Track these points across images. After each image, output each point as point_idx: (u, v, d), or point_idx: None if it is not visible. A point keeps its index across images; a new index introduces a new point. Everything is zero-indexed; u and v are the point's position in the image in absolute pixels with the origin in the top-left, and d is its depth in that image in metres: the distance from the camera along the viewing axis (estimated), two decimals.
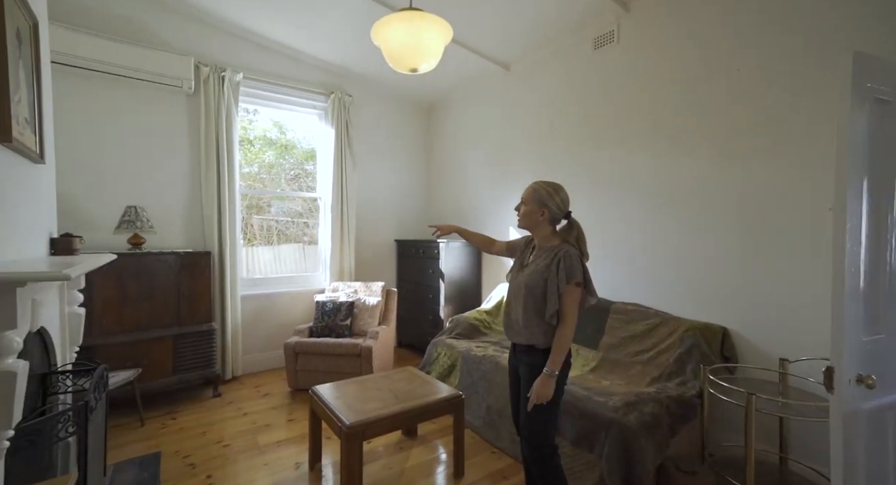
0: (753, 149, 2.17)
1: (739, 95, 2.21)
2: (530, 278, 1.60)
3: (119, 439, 2.41)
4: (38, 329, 1.72)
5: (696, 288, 2.40)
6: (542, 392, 1.51)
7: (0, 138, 1.34)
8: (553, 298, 1.55)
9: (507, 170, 3.73)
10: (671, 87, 2.51)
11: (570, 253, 1.58)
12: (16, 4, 1.57)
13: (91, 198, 2.88)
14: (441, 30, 1.65)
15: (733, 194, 2.24)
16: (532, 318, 1.59)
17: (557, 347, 1.54)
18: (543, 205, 1.64)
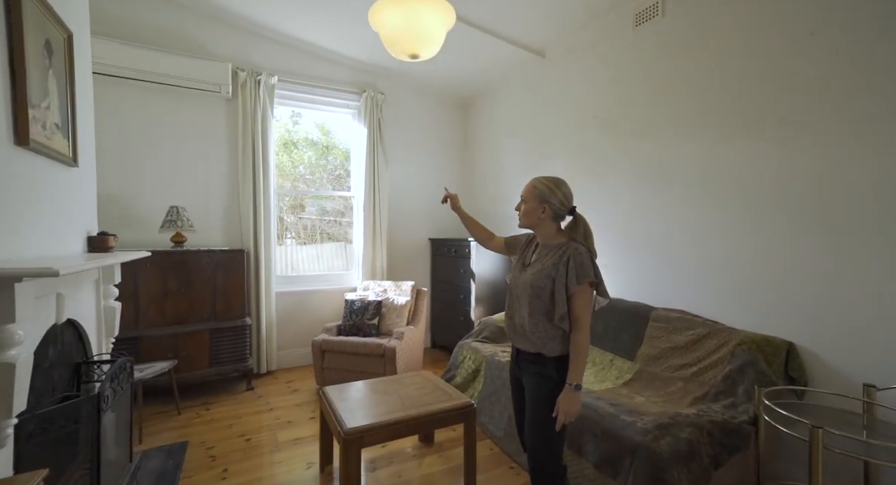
0: (832, 129, 1.80)
1: (816, 65, 1.84)
2: (536, 279, 1.43)
3: (157, 425, 2.55)
4: (72, 322, 1.84)
5: (754, 295, 2.06)
6: (569, 409, 1.35)
7: (17, 141, 1.43)
8: (561, 300, 1.38)
9: (545, 164, 3.50)
10: (727, 61, 2.17)
11: (580, 251, 1.41)
12: (45, 18, 1.67)
13: (139, 199, 3.10)
14: (441, 12, 1.53)
15: (807, 184, 1.88)
16: (539, 322, 1.42)
17: (576, 355, 1.38)
18: (544, 201, 1.48)
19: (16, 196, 1.43)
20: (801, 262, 1.89)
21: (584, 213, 3.11)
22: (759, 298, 2.04)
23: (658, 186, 2.53)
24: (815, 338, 1.85)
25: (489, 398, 2.54)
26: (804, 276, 1.88)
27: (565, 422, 1.37)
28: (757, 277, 2.04)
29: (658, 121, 2.52)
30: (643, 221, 2.63)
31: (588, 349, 1.42)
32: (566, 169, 3.26)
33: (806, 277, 1.88)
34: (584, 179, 3.08)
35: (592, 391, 2.05)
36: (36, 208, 1.58)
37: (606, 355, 2.48)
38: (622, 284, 2.80)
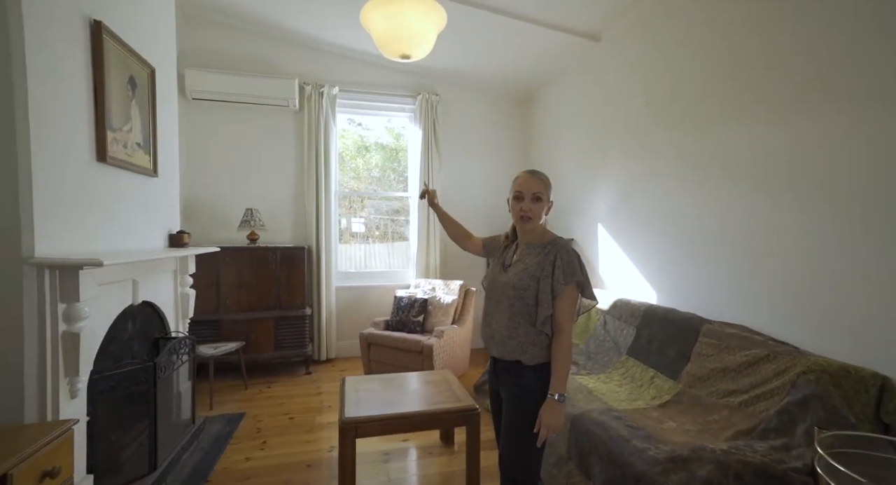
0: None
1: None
2: (519, 279, 1.34)
3: (227, 396, 2.98)
4: (151, 303, 2.25)
5: (838, 312, 1.64)
6: (552, 423, 1.26)
7: (98, 158, 1.80)
8: (546, 302, 1.28)
9: (599, 159, 3.23)
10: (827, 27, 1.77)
11: (569, 249, 1.33)
12: (129, 58, 2.07)
13: (224, 202, 3.63)
14: (429, 13, 1.52)
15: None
16: (519, 326, 1.33)
17: (560, 363, 1.28)
18: (550, 195, 1.41)
19: (99, 201, 1.80)
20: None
21: (636, 211, 2.85)
22: (845, 318, 1.62)
23: (719, 180, 2.16)
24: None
25: None
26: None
27: (546, 437, 1.27)
28: (844, 292, 1.62)
29: (726, 103, 2.14)
30: (700, 220, 2.27)
31: (571, 356, 1.30)
32: (619, 164, 2.96)
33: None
34: (637, 173, 2.77)
35: (614, 410, 1.85)
36: (120, 211, 1.97)
37: (647, 372, 2.20)
38: (674, 293, 2.45)
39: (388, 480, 2.00)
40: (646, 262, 2.71)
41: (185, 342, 2.30)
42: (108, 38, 1.86)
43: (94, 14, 1.79)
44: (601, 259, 3.17)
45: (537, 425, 1.27)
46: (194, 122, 3.56)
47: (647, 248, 2.68)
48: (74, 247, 1.63)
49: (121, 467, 1.87)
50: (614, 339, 2.56)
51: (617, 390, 2.14)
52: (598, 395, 2.04)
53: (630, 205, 2.85)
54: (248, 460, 2.17)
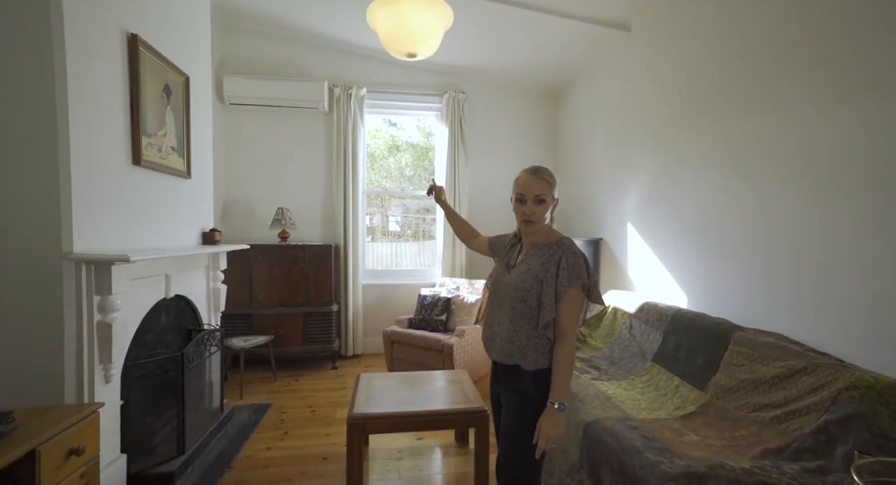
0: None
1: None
2: (522, 280, 1.30)
3: (256, 387, 3.12)
4: (184, 297, 2.39)
5: (891, 324, 1.46)
6: (551, 433, 1.21)
7: (133, 161, 1.94)
8: (549, 304, 1.24)
9: (629, 154, 3.08)
10: None
11: (574, 250, 1.28)
12: (164, 68, 2.21)
13: (258, 202, 3.80)
14: (435, 12, 1.50)
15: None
16: (521, 329, 1.29)
17: (562, 369, 1.23)
18: (554, 194, 1.34)
19: (134, 202, 1.94)
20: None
21: (666, 209, 2.69)
22: None
23: (759, 174, 1.98)
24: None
25: None
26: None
27: (546, 448, 1.23)
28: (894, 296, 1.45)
29: (767, 90, 1.97)
30: (736, 217, 2.10)
31: (574, 363, 1.24)
32: (649, 159, 2.80)
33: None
34: (668, 168, 2.61)
35: (631, 418, 1.75)
36: (154, 211, 2.11)
37: (672, 380, 2.06)
38: (705, 296, 2.29)
39: (398, 477, 2.02)
40: (676, 262, 2.55)
41: (214, 334, 2.43)
42: (144, 50, 2.00)
43: (132, 28, 1.93)
44: (630, 260, 3.02)
45: (536, 434, 1.22)
46: (232, 126, 3.76)
47: (678, 247, 2.52)
48: (110, 244, 1.76)
49: (153, 448, 2.01)
50: (640, 344, 2.43)
51: (638, 398, 2.03)
52: (616, 402, 1.94)
53: (660, 202, 2.69)
54: (269, 449, 2.26)
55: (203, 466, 2.09)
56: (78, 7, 1.60)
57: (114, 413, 1.77)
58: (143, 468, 1.91)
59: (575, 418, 1.85)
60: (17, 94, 1.52)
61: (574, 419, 1.85)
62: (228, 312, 3.37)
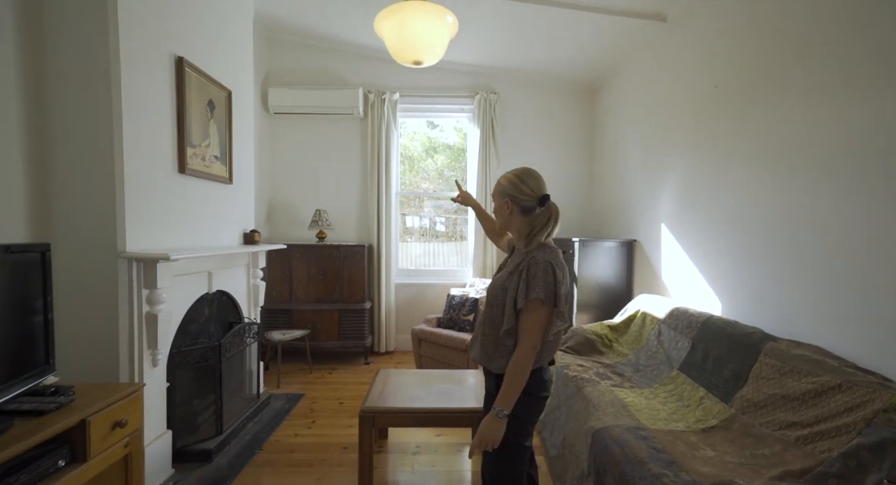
0: None
1: None
2: (493, 286, 1.33)
3: (293, 377, 3.34)
4: (226, 292, 2.63)
5: None
6: (487, 436, 1.21)
7: (179, 170, 2.17)
8: (508, 314, 1.25)
9: (662, 152, 2.93)
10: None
11: (537, 260, 1.23)
12: (208, 84, 2.44)
13: (299, 204, 4.05)
14: (436, 20, 1.54)
15: None
16: (489, 333, 1.32)
17: (508, 379, 1.22)
18: (506, 195, 1.34)
19: (180, 206, 2.17)
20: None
21: (701, 209, 2.58)
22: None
23: (803, 171, 1.82)
24: None
25: (553, 413, 2.34)
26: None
27: (480, 449, 1.23)
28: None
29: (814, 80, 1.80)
30: (777, 219, 1.94)
31: (525, 372, 1.21)
32: (684, 156, 2.65)
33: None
34: (704, 165, 2.46)
35: (644, 428, 1.68)
36: (198, 214, 2.34)
37: (697, 391, 1.95)
38: (740, 303, 2.13)
39: (411, 471, 2.08)
40: (711, 266, 2.39)
41: (252, 327, 2.64)
42: (190, 70, 2.23)
43: (178, 51, 2.15)
44: (664, 263, 2.86)
45: (477, 436, 1.23)
46: (276, 134, 4.04)
47: (714, 250, 2.36)
48: (158, 244, 1.99)
49: (196, 427, 2.24)
50: (667, 351, 2.31)
51: (659, 407, 1.93)
52: (632, 411, 1.87)
53: (696, 202, 2.53)
54: (296, 435, 2.42)
55: (238, 446, 2.29)
56: (131, 34, 1.82)
57: (160, 393, 2.00)
58: (186, 444, 2.14)
59: (585, 425, 1.81)
60: (81, 111, 1.76)
61: (584, 426, 1.82)
62: (271, 307, 3.65)
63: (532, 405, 1.30)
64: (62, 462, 1.33)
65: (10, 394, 1.35)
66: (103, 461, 1.43)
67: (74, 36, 1.74)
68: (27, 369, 1.44)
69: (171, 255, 1.78)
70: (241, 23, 2.85)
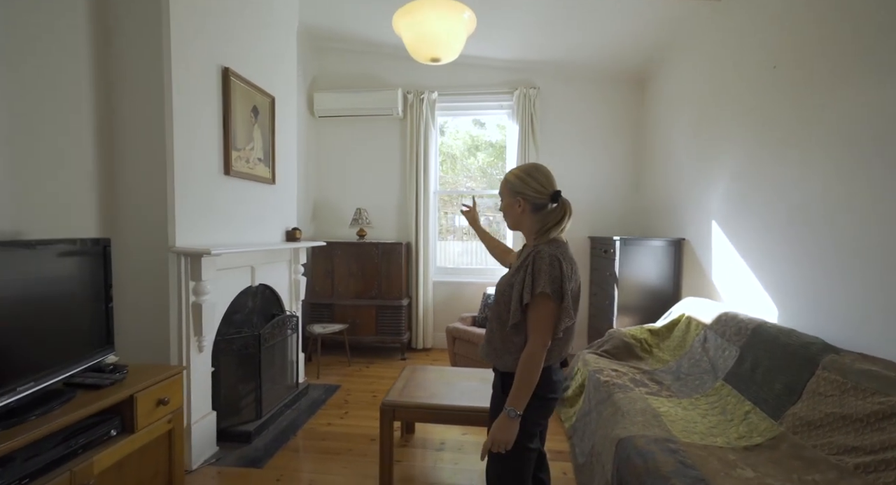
0: None
1: None
2: (501, 284, 1.30)
3: (332, 369, 3.49)
4: (268, 286, 2.80)
5: None
6: (499, 438, 1.18)
7: (225, 171, 2.35)
8: (515, 309, 1.21)
9: (714, 142, 2.69)
10: None
11: (543, 254, 1.19)
12: (253, 92, 2.62)
13: (342, 203, 4.22)
14: (452, 17, 1.53)
15: None
16: (496, 330, 1.28)
17: (519, 375, 1.18)
18: (517, 193, 1.30)
19: (225, 205, 2.35)
20: None
21: (756, 204, 2.46)
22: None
23: (877, 158, 1.59)
24: None
25: (583, 419, 2.24)
26: None
27: (493, 451, 1.19)
28: None
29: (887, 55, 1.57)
30: (845, 214, 1.70)
31: (536, 370, 1.17)
32: (738, 145, 2.41)
33: None
34: (760, 155, 2.22)
35: (674, 440, 1.55)
36: (243, 212, 2.52)
37: (743, 404, 1.76)
38: (799, 309, 1.90)
39: (433, 467, 2.09)
40: (767, 267, 2.15)
41: (290, 319, 2.80)
42: (235, 80, 2.40)
43: (224, 62, 2.33)
44: (714, 263, 2.63)
45: (489, 437, 1.19)
46: (321, 136, 4.24)
47: (769, 249, 2.13)
48: (205, 240, 2.17)
49: (238, 410, 2.42)
50: (712, 360, 2.12)
51: (697, 420, 1.78)
52: (665, 421, 1.73)
53: (750, 196, 2.30)
54: (329, 424, 2.53)
55: (275, 431, 2.43)
56: (182, 48, 2.00)
57: (205, 377, 2.18)
58: (229, 425, 2.31)
59: (611, 433, 1.71)
60: (139, 121, 1.96)
61: (610, 434, 1.72)
62: (314, 302, 3.84)
63: (538, 407, 1.25)
64: (114, 432, 1.50)
65: (77, 369, 1.54)
66: (148, 434, 1.59)
67: (135, 51, 1.94)
68: (92, 348, 1.63)
69: (212, 250, 1.93)
70: (285, 34, 3.02)
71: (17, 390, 1.33)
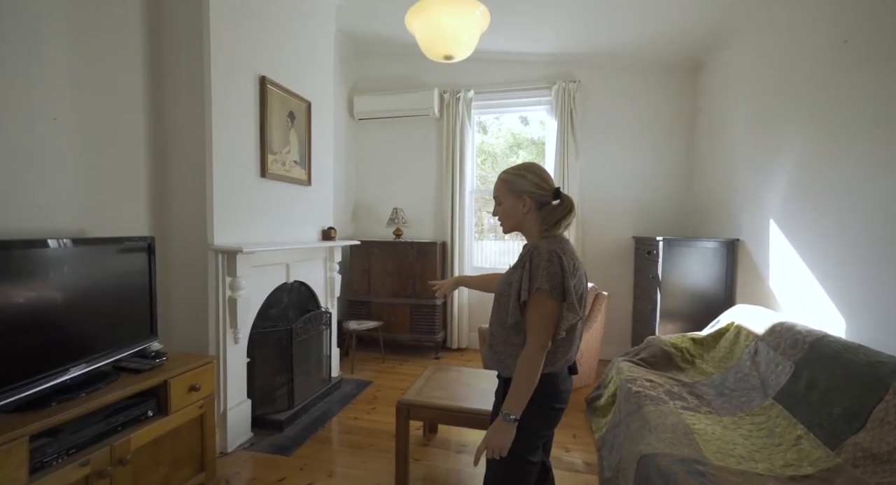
0: None
1: None
2: (499, 283, 1.25)
3: (366, 364, 3.58)
4: (304, 283, 2.93)
5: None
6: (495, 442, 1.13)
7: (261, 174, 2.48)
8: (513, 308, 1.16)
9: (772, 133, 2.42)
10: None
11: (541, 250, 1.14)
12: (289, 98, 2.75)
13: (380, 203, 4.31)
14: (465, 14, 1.49)
15: None
16: (497, 333, 1.23)
17: (517, 377, 1.13)
18: (521, 192, 1.23)
19: (261, 205, 2.48)
20: None
21: (822, 200, 2.28)
22: None
23: None
24: None
25: (613, 431, 2.11)
26: None
27: (489, 457, 1.14)
28: None
29: None
30: None
31: (535, 372, 1.11)
32: (800, 135, 2.14)
33: None
34: (826, 145, 1.95)
35: (704, 462, 1.40)
36: (278, 212, 2.66)
37: (795, 428, 1.55)
38: (872, 322, 1.64)
39: (451, 468, 2.07)
40: (832, 272, 1.88)
41: (323, 315, 2.91)
42: (272, 87, 2.54)
43: (261, 71, 2.47)
44: (772, 267, 2.35)
45: (483, 441, 1.14)
46: (361, 138, 4.36)
47: (836, 252, 1.86)
48: (241, 239, 2.31)
49: (273, 400, 2.55)
50: (762, 375, 1.89)
51: (738, 441, 1.60)
52: (697, 440, 1.57)
53: (814, 192, 2.03)
54: (356, 418, 2.60)
55: (306, 421, 2.54)
56: (221, 58, 2.14)
57: (241, 367, 2.32)
58: (263, 413, 2.45)
59: (635, 448, 1.59)
60: (184, 127, 2.13)
61: (634, 449, 1.59)
62: (352, 299, 3.97)
63: (540, 416, 1.18)
64: (150, 413, 1.64)
65: (123, 354, 1.71)
66: (181, 417, 1.72)
67: (180, 67, 2.12)
68: (138, 336, 1.80)
69: (244, 248, 2.06)
70: (322, 41, 3.14)
71: (69, 369, 1.50)
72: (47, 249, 1.47)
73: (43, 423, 1.28)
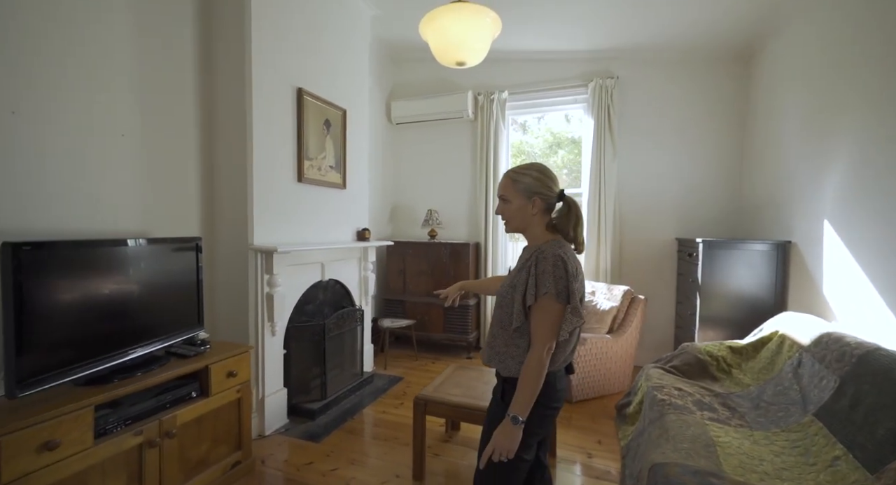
0: None
1: None
2: (502, 287, 1.26)
3: (399, 361, 3.70)
4: (339, 281, 3.10)
5: None
6: (502, 445, 1.15)
7: (298, 179, 2.67)
8: (518, 312, 1.18)
9: (827, 126, 2.20)
10: None
11: (547, 255, 1.15)
12: (325, 107, 2.93)
13: (416, 205, 4.43)
14: (477, 21, 1.53)
15: None
16: (498, 335, 1.25)
17: (524, 381, 1.15)
18: (534, 193, 1.23)
19: (298, 208, 2.67)
20: None
21: (881, 199, 2.19)
22: None
23: None
24: None
25: (637, 439, 2.03)
26: None
27: (496, 459, 1.15)
28: None
29: None
30: None
31: (540, 374, 1.12)
32: (858, 127, 1.93)
33: None
34: (887, 139, 1.75)
35: (720, 476, 1.32)
36: (314, 215, 2.84)
37: (833, 448, 1.41)
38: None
39: (466, 465, 2.10)
40: (894, 279, 1.69)
41: (356, 312, 3.05)
42: (308, 98, 2.72)
43: (298, 83, 2.65)
44: (826, 272, 2.14)
45: (490, 444, 1.15)
46: (398, 142, 4.51)
47: None
48: (279, 239, 2.50)
49: (308, 390, 2.73)
50: (804, 389, 1.73)
51: (766, 458, 1.49)
52: (719, 453, 1.49)
53: (873, 190, 1.83)
54: (383, 412, 2.70)
55: (337, 412, 2.69)
56: (261, 71, 2.33)
57: (278, 358, 2.51)
58: (298, 402, 2.63)
59: (647, 456, 1.54)
60: (229, 134, 2.35)
61: (646, 457, 1.54)
62: (389, 297, 4.11)
63: (537, 416, 1.19)
64: (194, 394, 1.84)
65: (173, 341, 1.93)
66: (220, 399, 1.91)
67: (226, 80, 2.34)
68: (187, 325, 2.02)
69: (279, 248, 2.24)
70: (358, 50, 3.30)
71: (130, 352, 1.72)
72: (126, 248, 1.72)
73: (107, 395, 1.50)
